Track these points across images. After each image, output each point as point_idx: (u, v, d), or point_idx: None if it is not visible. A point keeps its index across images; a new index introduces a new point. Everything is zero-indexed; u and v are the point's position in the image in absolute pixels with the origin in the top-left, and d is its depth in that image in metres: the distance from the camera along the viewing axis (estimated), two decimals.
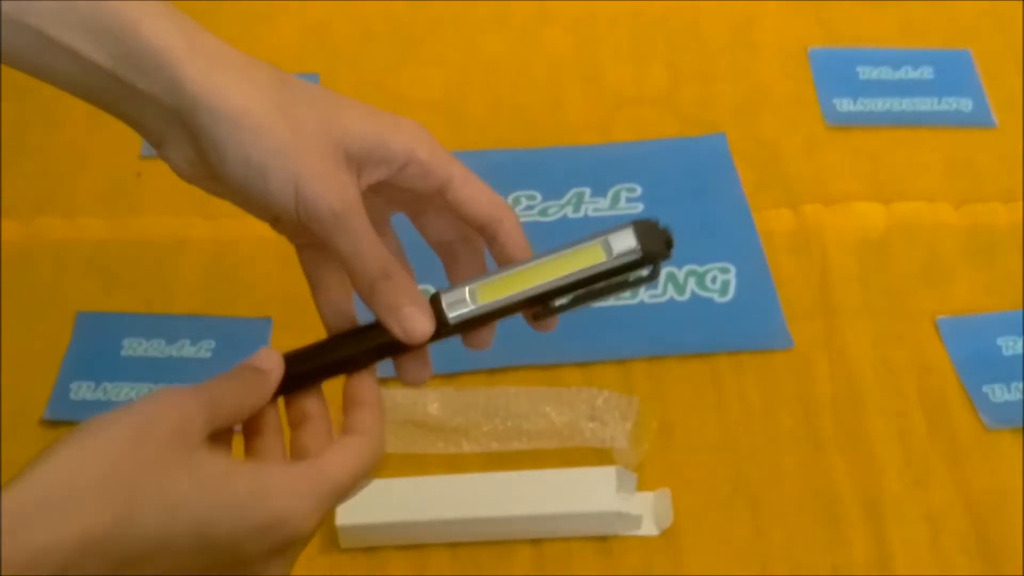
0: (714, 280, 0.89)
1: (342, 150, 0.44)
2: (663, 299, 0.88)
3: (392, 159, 0.46)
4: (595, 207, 0.95)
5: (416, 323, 0.46)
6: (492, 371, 0.83)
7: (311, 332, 0.87)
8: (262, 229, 0.94)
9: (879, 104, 1.02)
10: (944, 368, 0.84)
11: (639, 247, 0.47)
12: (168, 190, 0.96)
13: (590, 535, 0.74)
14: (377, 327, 0.48)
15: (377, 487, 0.61)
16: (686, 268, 0.90)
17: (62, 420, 0.80)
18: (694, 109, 1.02)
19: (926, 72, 1.05)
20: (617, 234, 0.48)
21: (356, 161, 0.45)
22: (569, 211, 0.94)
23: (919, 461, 0.79)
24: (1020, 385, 0.83)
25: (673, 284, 0.89)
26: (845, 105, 1.02)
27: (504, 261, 0.48)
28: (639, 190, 0.96)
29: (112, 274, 0.90)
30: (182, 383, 0.81)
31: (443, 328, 0.48)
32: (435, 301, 0.48)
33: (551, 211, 0.94)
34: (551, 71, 1.05)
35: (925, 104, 1.02)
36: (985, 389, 0.83)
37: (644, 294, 0.88)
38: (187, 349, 0.85)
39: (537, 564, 0.73)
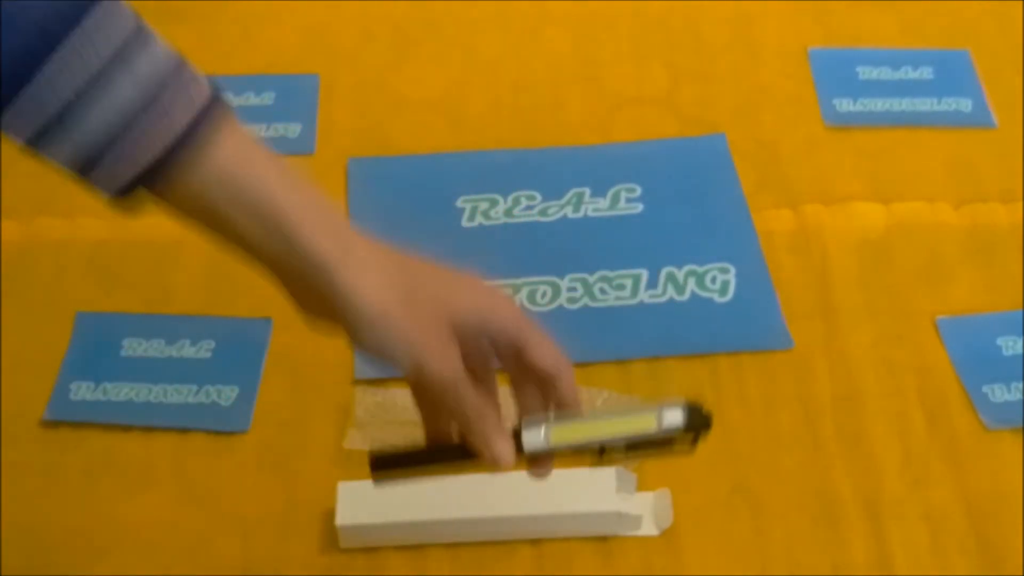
0: (714, 280, 0.89)
1: (453, 325, 0.56)
2: (663, 299, 0.88)
3: (491, 332, 0.58)
4: (595, 207, 0.95)
5: (503, 455, 0.57)
6: None
7: (310, 332, 0.87)
8: None
9: (879, 104, 1.02)
10: (944, 368, 0.84)
11: (684, 424, 0.56)
12: None
13: (590, 535, 0.74)
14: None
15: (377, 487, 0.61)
16: (686, 268, 0.90)
17: (62, 420, 0.80)
18: (694, 109, 1.02)
19: (926, 72, 1.05)
20: (669, 409, 0.57)
21: (462, 331, 0.56)
22: (569, 211, 0.94)
23: (919, 461, 0.79)
24: (1020, 385, 0.83)
25: (673, 284, 0.89)
26: (845, 105, 1.02)
27: (557, 406, 0.58)
28: (639, 190, 0.96)
29: (112, 274, 0.90)
30: (181, 384, 0.82)
31: (518, 454, 0.58)
32: (516, 434, 0.58)
33: (551, 211, 0.94)
34: (551, 71, 1.05)
35: (925, 104, 1.02)
36: (985, 389, 0.83)
37: (644, 294, 0.88)
38: (187, 349, 0.85)
39: (537, 564, 0.73)
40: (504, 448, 0.57)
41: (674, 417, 0.56)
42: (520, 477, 0.75)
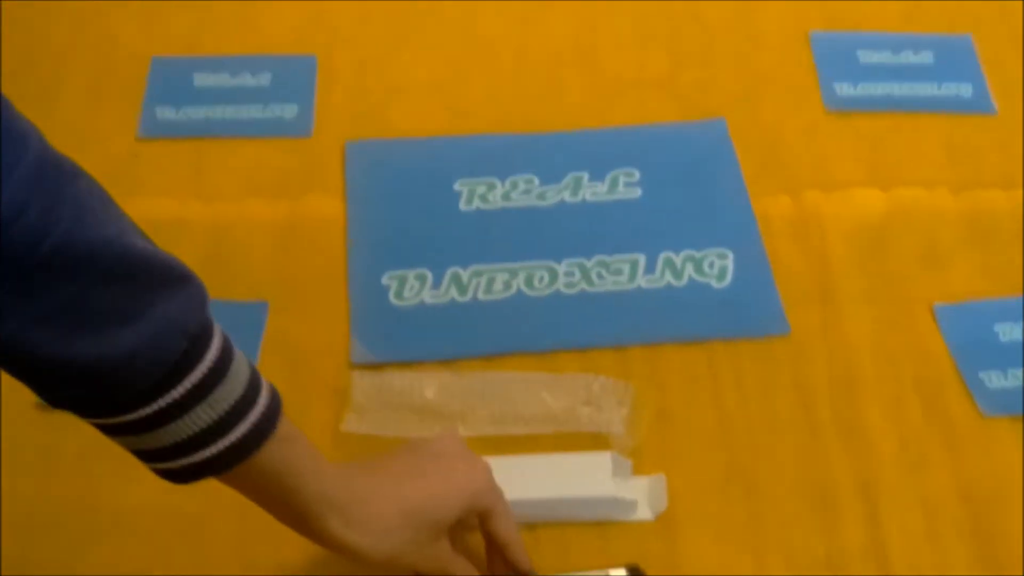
0: (712, 266, 0.89)
1: (445, 528, 0.67)
2: (660, 284, 0.88)
3: (474, 510, 0.68)
4: (593, 191, 0.95)
5: None
6: (489, 357, 0.83)
7: (307, 316, 0.87)
8: (259, 212, 0.94)
9: (879, 89, 1.02)
10: (941, 355, 0.84)
11: None
12: (165, 171, 0.96)
13: (585, 520, 0.75)
14: None
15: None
16: (684, 253, 0.90)
17: None
18: (694, 93, 1.02)
19: (926, 57, 1.04)
20: (614, 573, 0.70)
21: (455, 517, 0.67)
22: (567, 195, 0.94)
23: (915, 447, 0.79)
24: (1017, 372, 0.83)
25: (670, 269, 0.89)
26: (845, 89, 1.02)
27: (509, 565, 0.70)
28: (637, 175, 0.96)
29: None
30: None
31: None
32: None
33: (549, 195, 0.94)
34: (550, 55, 1.04)
35: (925, 89, 1.02)
36: (982, 376, 0.83)
37: (642, 279, 0.88)
38: None
39: (533, 548, 0.73)
40: None
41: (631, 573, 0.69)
42: (516, 462, 0.76)
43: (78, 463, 0.78)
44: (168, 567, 0.73)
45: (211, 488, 0.76)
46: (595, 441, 0.78)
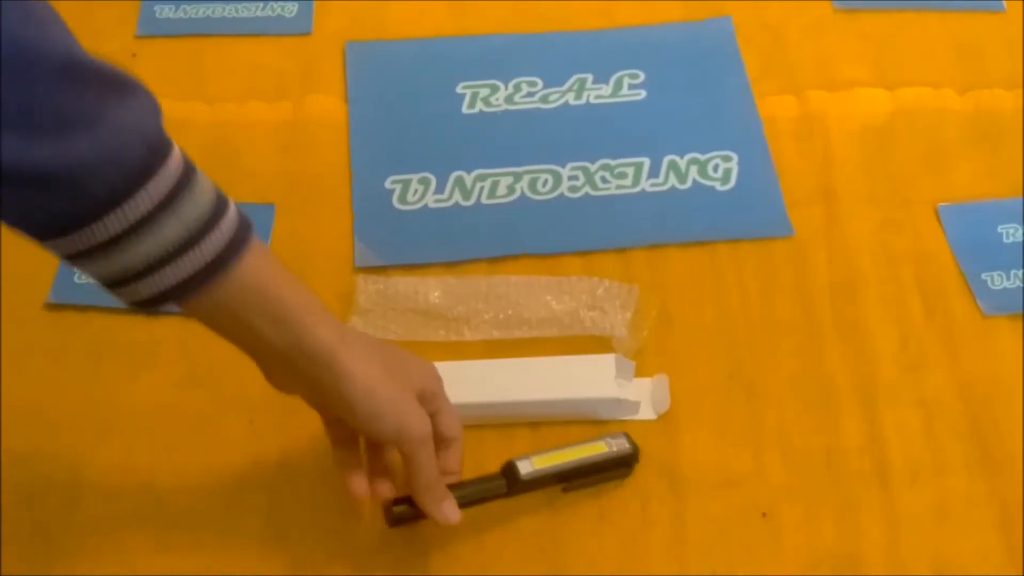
0: (716, 168, 0.89)
1: (418, 392, 0.66)
2: (664, 188, 0.88)
3: (428, 399, 0.68)
4: (597, 94, 0.94)
5: (452, 515, 0.68)
6: (493, 260, 0.84)
7: (313, 218, 0.87)
8: (262, 113, 0.94)
9: None
10: (944, 255, 0.84)
11: (630, 446, 0.73)
12: (166, 72, 0.95)
13: (589, 419, 0.76)
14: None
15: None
16: (688, 156, 0.90)
17: (66, 303, 0.81)
18: None
19: None
20: (614, 439, 0.73)
21: (420, 399, 0.67)
22: (571, 98, 0.94)
23: (915, 347, 0.80)
24: (1019, 273, 0.83)
25: (675, 172, 0.89)
26: None
27: (443, 466, 0.69)
28: (642, 76, 0.95)
29: None
30: None
31: (517, 483, 0.70)
32: (510, 466, 0.70)
33: (552, 98, 0.94)
34: None
35: None
36: (984, 276, 0.83)
37: (645, 183, 0.88)
38: None
39: (536, 447, 0.74)
40: (452, 509, 0.68)
41: (620, 443, 0.73)
42: (520, 363, 0.77)
43: (84, 362, 0.79)
44: (176, 465, 0.74)
45: (219, 386, 0.77)
46: (599, 344, 0.79)
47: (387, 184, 0.88)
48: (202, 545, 0.71)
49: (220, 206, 0.59)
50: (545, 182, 0.88)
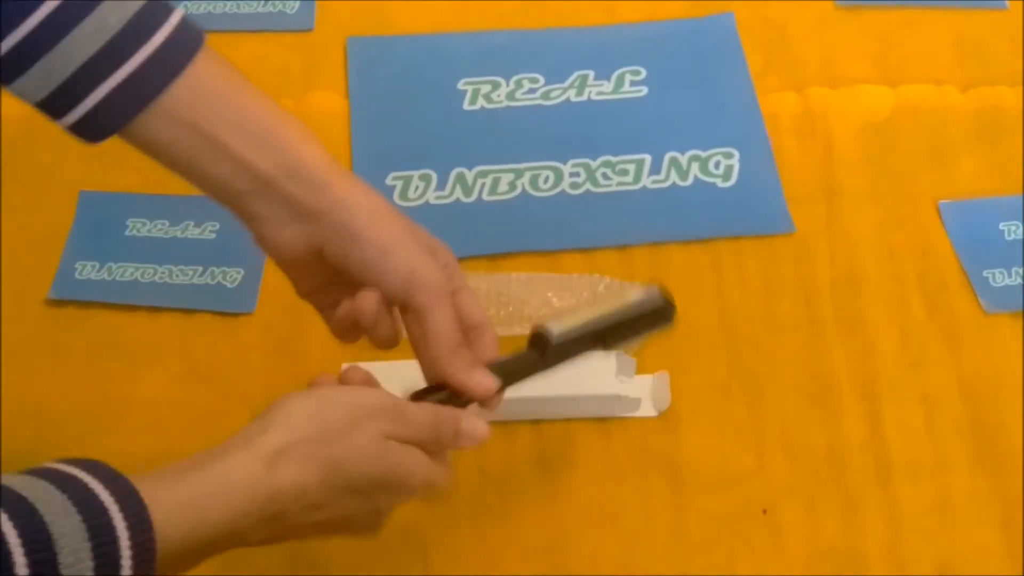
0: (717, 165, 0.89)
1: (432, 253, 0.59)
2: (666, 185, 0.88)
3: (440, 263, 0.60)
4: (599, 91, 0.94)
5: (487, 382, 0.59)
6: (494, 256, 0.84)
7: None
8: None
9: None
10: (945, 252, 0.84)
11: (660, 292, 0.65)
12: None
13: (590, 417, 0.76)
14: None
15: (382, 369, 0.62)
16: (689, 153, 0.89)
17: (67, 299, 0.81)
18: None
19: None
20: (645, 288, 0.65)
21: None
22: (572, 94, 0.94)
23: (917, 344, 0.80)
24: (1021, 270, 0.83)
25: (676, 169, 0.89)
26: None
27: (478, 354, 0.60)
28: (644, 73, 0.95)
29: (113, 152, 0.88)
30: (186, 265, 0.82)
31: (549, 348, 0.62)
32: (541, 330, 0.62)
33: (554, 94, 0.93)
34: None
35: None
36: (986, 273, 0.83)
37: (647, 179, 0.88)
38: (191, 230, 0.85)
39: (537, 445, 0.74)
40: (484, 376, 0.59)
41: (650, 291, 0.65)
42: None
43: (86, 358, 0.79)
44: (178, 458, 0.74)
45: (220, 383, 0.77)
46: None
47: (388, 180, 0.88)
48: None
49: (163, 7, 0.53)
50: (546, 179, 0.88)
